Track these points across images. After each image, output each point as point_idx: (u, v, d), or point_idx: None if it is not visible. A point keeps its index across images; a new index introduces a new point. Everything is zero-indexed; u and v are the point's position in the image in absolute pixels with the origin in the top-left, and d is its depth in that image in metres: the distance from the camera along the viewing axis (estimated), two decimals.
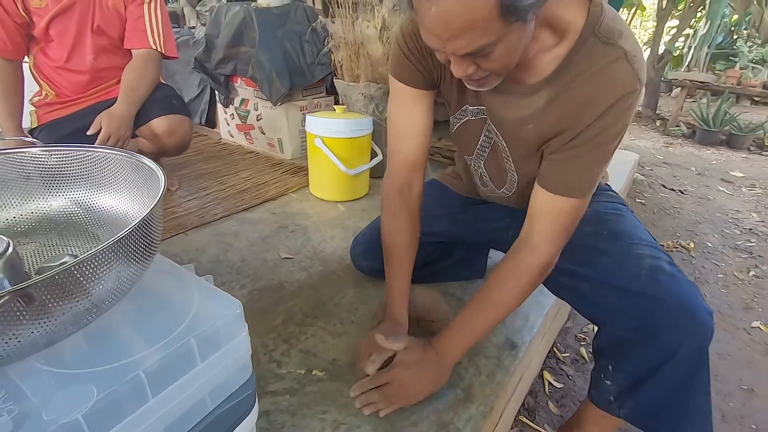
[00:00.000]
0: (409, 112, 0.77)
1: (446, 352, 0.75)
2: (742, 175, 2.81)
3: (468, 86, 0.63)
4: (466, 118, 0.77)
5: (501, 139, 0.74)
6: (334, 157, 1.43)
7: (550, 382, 1.17)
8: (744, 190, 2.61)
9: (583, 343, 1.33)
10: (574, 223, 0.69)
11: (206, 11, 2.32)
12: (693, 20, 4.83)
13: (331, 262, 1.18)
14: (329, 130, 1.43)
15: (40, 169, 0.57)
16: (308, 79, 1.89)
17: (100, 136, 1.17)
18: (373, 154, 1.61)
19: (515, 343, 0.93)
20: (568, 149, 0.64)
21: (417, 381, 0.73)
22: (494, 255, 1.23)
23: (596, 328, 0.80)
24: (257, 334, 0.90)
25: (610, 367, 0.75)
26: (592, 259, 0.74)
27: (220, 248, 1.22)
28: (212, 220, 1.37)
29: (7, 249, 0.40)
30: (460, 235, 1.00)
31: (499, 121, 0.72)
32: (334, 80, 1.70)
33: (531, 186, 0.74)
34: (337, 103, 1.75)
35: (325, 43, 1.72)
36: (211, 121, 2.31)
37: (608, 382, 0.75)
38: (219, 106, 2.17)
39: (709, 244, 1.94)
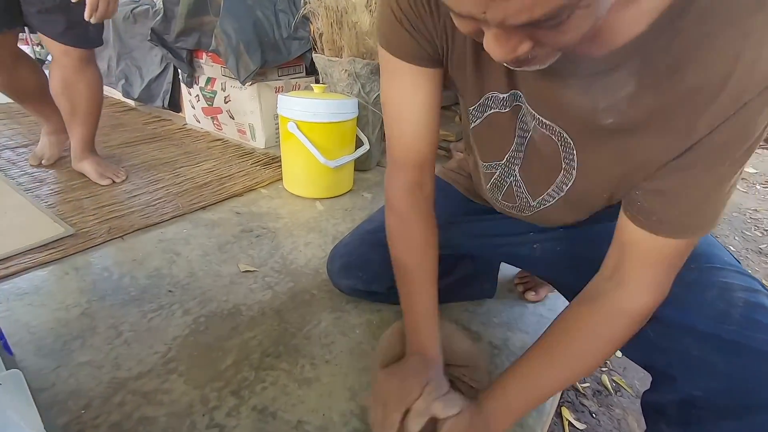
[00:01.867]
0: (408, 96, 0.54)
1: (497, 418, 0.55)
2: (754, 171, 2.65)
3: (506, 65, 0.38)
4: (492, 111, 0.53)
5: (561, 130, 0.49)
6: (311, 146, 1.19)
7: (570, 423, 0.96)
8: (759, 187, 2.44)
9: (604, 369, 1.12)
10: (682, 261, 0.48)
11: None
12: None
13: (304, 277, 0.95)
14: (305, 113, 1.19)
15: None
16: (284, 55, 1.64)
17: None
18: (359, 143, 1.37)
19: None
20: (676, 170, 0.42)
21: None
22: (504, 268, 1.01)
23: (651, 378, 0.59)
24: (197, 384, 0.67)
25: None
26: None
27: (165, 259, 0.97)
28: (159, 221, 1.11)
29: None
30: (465, 248, 0.77)
31: (551, 108, 0.48)
32: (313, 55, 1.45)
33: (585, 198, 0.53)
34: (317, 82, 1.50)
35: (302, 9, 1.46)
36: (175, 105, 2.04)
37: None
38: (183, 87, 1.90)
39: (732, 248, 1.75)
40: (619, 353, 1.16)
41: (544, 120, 0.49)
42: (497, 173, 0.61)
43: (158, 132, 1.83)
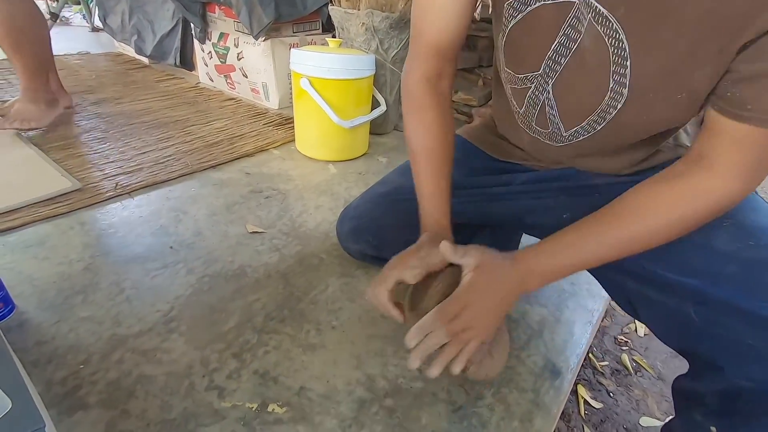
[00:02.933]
0: None
1: (533, 274, 0.51)
2: None
3: None
4: (538, 4, 0.46)
5: (618, 28, 0.42)
6: (324, 104, 1.13)
7: (586, 401, 0.92)
8: None
9: (625, 348, 1.07)
10: None
11: None
12: None
13: (313, 241, 0.91)
14: (319, 69, 1.12)
15: None
16: (299, 9, 1.55)
17: None
18: (375, 104, 1.30)
19: (558, 368, 0.67)
20: None
21: (493, 307, 0.50)
22: (526, 240, 0.95)
23: (688, 364, 0.54)
24: (197, 344, 0.65)
25: (713, 429, 0.49)
26: (705, 265, 0.47)
27: (171, 217, 0.94)
28: (167, 179, 1.08)
29: None
30: (487, 215, 0.71)
31: None
32: (329, 8, 1.36)
33: (641, 121, 0.47)
34: (334, 38, 1.42)
35: None
36: (188, 62, 1.98)
37: None
38: (196, 43, 1.83)
39: None
40: (641, 331, 1.11)
41: (602, 10, 0.42)
42: (532, 88, 0.54)
43: (170, 90, 1.78)
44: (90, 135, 1.29)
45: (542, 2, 0.46)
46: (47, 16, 2.38)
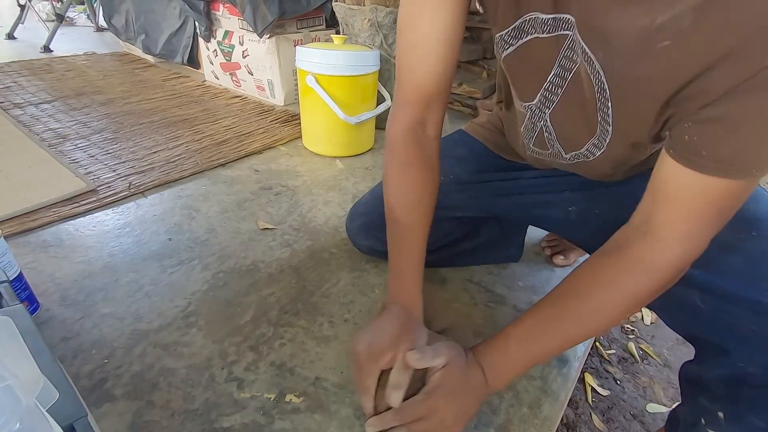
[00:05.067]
0: (429, 13, 0.48)
1: (497, 373, 0.51)
2: None
3: None
4: (530, 37, 0.46)
5: (600, 69, 0.42)
6: (330, 101, 1.14)
7: (593, 389, 0.94)
8: None
9: (631, 337, 1.09)
10: (732, 211, 0.41)
11: None
12: None
13: (323, 236, 0.93)
14: (324, 65, 1.13)
15: None
16: (303, 5, 1.55)
17: None
18: (380, 99, 1.31)
19: (565, 356, 0.68)
20: (738, 97, 0.34)
21: (459, 411, 0.50)
22: (531, 229, 0.96)
23: (686, 348, 0.55)
24: (215, 338, 0.67)
25: (720, 415, 0.50)
26: (710, 256, 0.48)
27: (184, 215, 0.97)
28: (179, 178, 1.10)
29: None
30: (492, 209, 0.73)
31: (600, 35, 0.40)
32: (333, 3, 1.37)
33: (628, 152, 0.48)
34: (338, 34, 1.42)
35: None
36: (194, 61, 1.99)
37: None
38: (201, 42, 1.84)
39: None
40: (648, 319, 1.13)
41: (587, 50, 0.42)
42: (528, 115, 0.54)
43: (177, 89, 1.80)
44: (101, 135, 1.32)
45: (534, 35, 0.45)
46: (53, 18, 2.41)
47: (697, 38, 0.34)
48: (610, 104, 0.44)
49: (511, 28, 0.46)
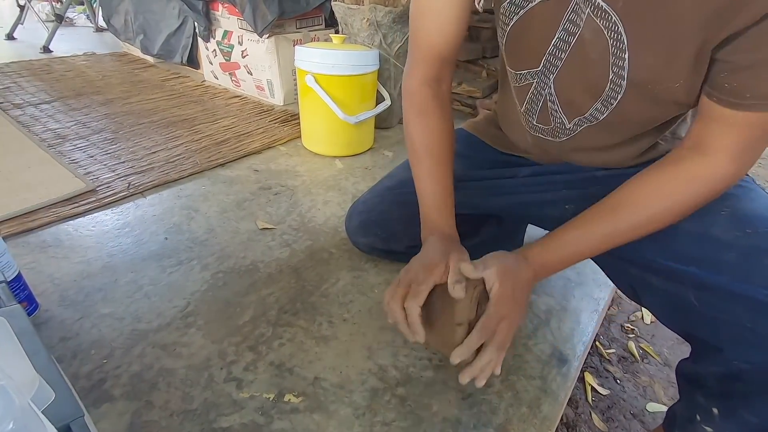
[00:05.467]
0: None
1: (546, 268, 0.54)
2: None
3: None
4: (534, 3, 0.48)
5: (618, 20, 0.43)
6: (330, 100, 1.14)
7: (593, 388, 0.94)
8: None
9: (631, 336, 1.09)
10: None
11: None
12: None
13: (322, 236, 0.93)
14: (323, 65, 1.13)
15: None
16: (302, 5, 1.55)
17: None
18: (380, 98, 1.31)
19: (565, 356, 0.68)
20: (761, 35, 0.36)
21: (521, 308, 0.52)
22: (531, 230, 0.96)
23: (690, 347, 0.55)
24: (215, 338, 0.67)
25: (714, 410, 0.51)
26: (704, 254, 0.48)
27: (183, 215, 0.97)
28: (178, 178, 1.10)
29: None
30: (490, 208, 0.73)
31: None
32: (332, 3, 1.37)
33: (641, 109, 0.49)
34: (337, 33, 1.42)
35: None
36: (194, 61, 1.99)
37: (709, 429, 0.52)
38: (200, 42, 1.84)
39: None
40: (648, 319, 1.12)
41: (601, 3, 0.43)
42: (533, 85, 0.55)
43: (177, 89, 1.80)
44: (100, 136, 1.32)
45: (539, 1, 0.47)
46: (52, 18, 2.41)
47: None
48: (627, 56, 0.44)
49: None
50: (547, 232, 0.55)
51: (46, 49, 2.33)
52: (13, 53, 2.28)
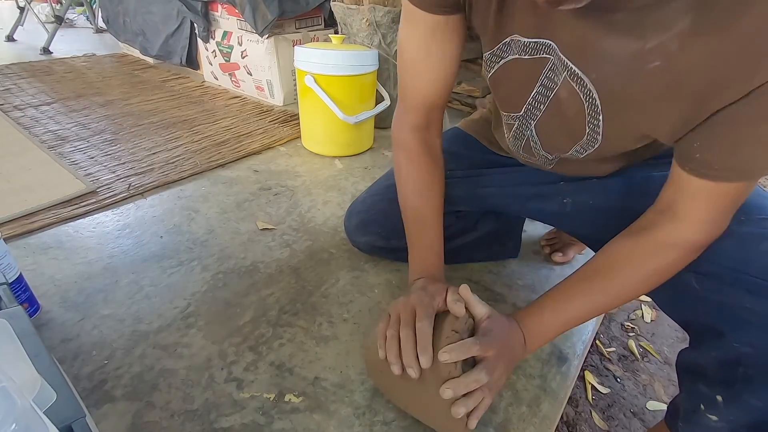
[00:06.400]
0: (426, 45, 0.53)
1: (533, 335, 0.54)
2: None
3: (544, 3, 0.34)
4: (512, 57, 0.49)
5: (592, 88, 0.44)
6: (329, 101, 1.14)
7: (593, 386, 0.94)
8: None
9: (631, 335, 1.09)
10: (745, 197, 0.45)
11: None
12: None
13: (322, 236, 0.93)
14: (323, 65, 1.13)
15: None
16: (302, 5, 1.55)
17: None
18: (379, 98, 1.31)
19: (565, 355, 0.69)
20: (734, 115, 0.37)
21: (507, 361, 0.51)
22: (529, 228, 0.97)
23: (689, 337, 0.56)
24: (215, 338, 0.67)
25: (718, 398, 0.51)
26: None
27: (184, 216, 0.97)
28: (178, 179, 1.11)
29: None
30: (489, 203, 0.73)
31: (592, 58, 0.43)
32: (332, 3, 1.37)
33: (616, 154, 0.52)
34: (336, 34, 1.42)
35: None
36: (193, 61, 1.99)
37: (714, 418, 0.52)
38: (200, 42, 1.85)
39: None
40: (648, 317, 1.12)
41: (577, 71, 0.44)
42: (516, 125, 0.57)
43: (177, 89, 1.80)
44: (101, 137, 1.32)
45: (516, 56, 0.49)
46: (52, 20, 2.41)
47: (685, 61, 0.37)
48: (601, 118, 0.46)
49: (496, 48, 0.50)
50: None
51: (46, 51, 2.33)
52: (13, 55, 2.29)
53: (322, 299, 0.76)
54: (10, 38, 2.60)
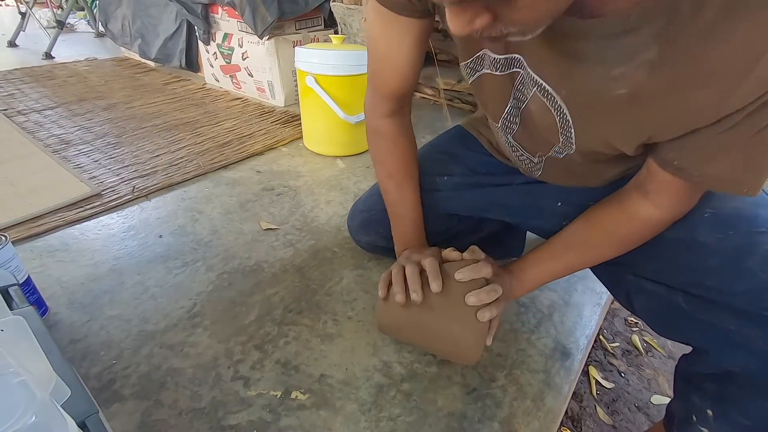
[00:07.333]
0: (395, 42, 0.55)
1: (522, 282, 0.61)
2: None
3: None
4: (484, 71, 0.50)
5: (562, 103, 0.45)
6: (330, 100, 1.15)
7: (598, 381, 0.94)
8: None
9: (635, 330, 1.09)
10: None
11: None
12: None
13: (325, 235, 0.94)
14: (323, 66, 1.13)
15: None
16: (301, 6, 1.56)
17: None
18: None
19: (568, 349, 0.69)
20: (705, 138, 0.38)
21: (506, 294, 0.59)
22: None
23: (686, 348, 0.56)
24: (221, 337, 0.68)
25: (709, 412, 0.51)
26: (690, 260, 0.49)
27: (188, 217, 0.98)
28: (182, 180, 1.11)
29: None
30: (489, 214, 0.73)
31: (560, 78, 0.43)
32: (331, 4, 1.37)
33: (598, 160, 0.53)
34: (336, 34, 1.43)
35: None
36: (193, 64, 2.00)
37: (704, 430, 0.53)
38: (201, 45, 1.85)
39: None
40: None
41: (546, 86, 0.45)
42: (498, 130, 0.60)
43: (178, 92, 1.81)
44: (104, 140, 1.33)
45: (488, 71, 0.50)
46: (54, 25, 2.42)
47: (652, 89, 0.37)
48: (573, 131, 0.47)
49: (470, 60, 0.51)
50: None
51: (48, 56, 2.34)
52: (15, 60, 2.30)
53: (327, 297, 0.77)
54: (12, 44, 2.62)
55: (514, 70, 0.47)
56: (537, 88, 0.46)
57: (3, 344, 0.22)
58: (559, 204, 0.65)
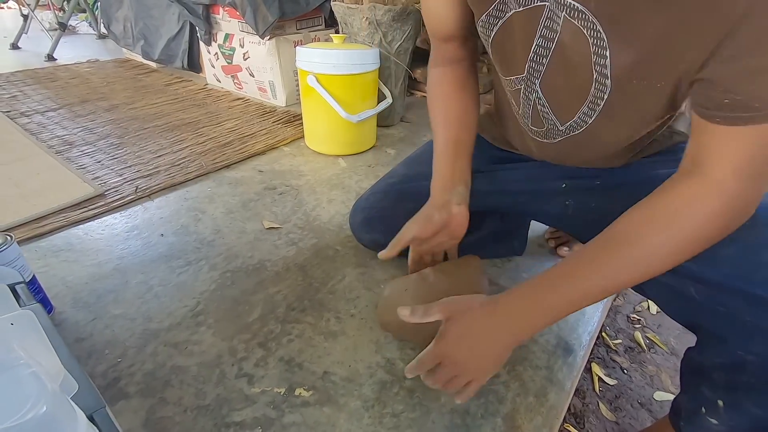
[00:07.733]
0: None
1: (521, 319, 0.49)
2: None
3: None
4: (510, 13, 0.49)
5: (594, 19, 0.41)
6: (332, 100, 1.15)
7: (600, 378, 0.94)
8: None
9: (638, 326, 1.09)
10: None
11: None
12: None
13: (327, 234, 0.94)
14: (324, 65, 1.14)
15: None
16: (302, 6, 1.56)
17: None
18: (381, 97, 1.32)
19: (570, 345, 0.69)
20: (752, 36, 0.33)
21: (477, 355, 0.51)
22: (535, 223, 0.97)
23: (696, 338, 0.56)
24: (225, 336, 0.68)
25: (720, 402, 0.51)
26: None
27: (190, 216, 0.98)
28: (184, 180, 1.12)
29: None
30: (492, 202, 0.73)
31: None
32: (332, 3, 1.38)
33: (627, 113, 0.48)
34: (337, 33, 1.43)
35: None
36: (195, 65, 2.01)
37: (714, 422, 0.52)
38: (202, 45, 1.86)
39: None
40: (654, 309, 1.13)
41: (575, 3, 0.42)
42: (522, 89, 0.55)
43: (180, 93, 1.81)
44: (107, 141, 1.34)
45: (513, 10, 0.48)
46: (56, 27, 2.43)
47: None
48: (608, 53, 0.43)
49: (491, 7, 0.50)
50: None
51: (50, 57, 2.35)
52: (18, 62, 2.31)
53: (329, 295, 0.77)
54: (14, 46, 2.63)
55: (539, 3, 0.45)
56: (566, 11, 0.43)
57: (14, 337, 0.22)
58: (564, 185, 0.65)
